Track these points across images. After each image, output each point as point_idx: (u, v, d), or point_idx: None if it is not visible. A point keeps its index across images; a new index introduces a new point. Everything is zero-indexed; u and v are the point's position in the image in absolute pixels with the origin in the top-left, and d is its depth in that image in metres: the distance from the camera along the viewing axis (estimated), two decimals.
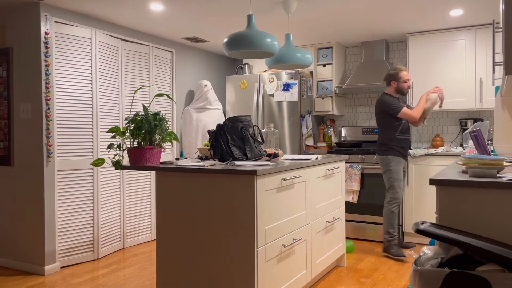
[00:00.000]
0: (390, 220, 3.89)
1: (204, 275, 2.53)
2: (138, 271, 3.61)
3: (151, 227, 4.59)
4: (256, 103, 4.98)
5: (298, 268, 2.85)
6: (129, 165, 2.69)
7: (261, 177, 2.41)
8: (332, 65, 5.08)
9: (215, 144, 2.84)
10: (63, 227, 3.69)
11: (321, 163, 3.17)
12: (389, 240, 3.90)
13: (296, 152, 4.77)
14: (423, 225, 1.66)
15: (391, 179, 3.89)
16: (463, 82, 4.41)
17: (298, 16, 3.99)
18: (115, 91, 4.16)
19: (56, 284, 3.31)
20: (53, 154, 3.60)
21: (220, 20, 4.12)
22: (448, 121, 4.83)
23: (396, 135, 3.89)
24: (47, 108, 3.56)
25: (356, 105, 5.32)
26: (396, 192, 3.88)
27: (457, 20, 4.18)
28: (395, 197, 3.89)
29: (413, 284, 1.60)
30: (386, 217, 3.91)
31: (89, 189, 3.86)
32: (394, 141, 3.89)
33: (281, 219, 2.63)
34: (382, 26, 4.38)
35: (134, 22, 4.15)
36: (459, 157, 3.69)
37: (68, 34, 3.72)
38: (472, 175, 1.88)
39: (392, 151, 3.89)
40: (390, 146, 3.89)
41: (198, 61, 5.38)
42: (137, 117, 2.68)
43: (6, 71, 3.73)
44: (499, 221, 1.73)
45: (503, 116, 2.97)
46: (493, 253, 1.48)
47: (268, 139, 3.33)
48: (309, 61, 3.53)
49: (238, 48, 2.94)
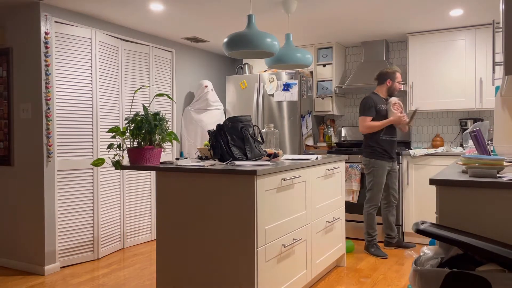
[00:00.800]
0: (369, 222, 3.99)
1: (204, 275, 2.53)
2: (138, 271, 3.61)
3: (151, 227, 4.59)
4: (256, 103, 4.98)
5: (298, 268, 2.85)
6: (129, 165, 2.69)
7: (261, 177, 2.41)
8: (332, 65, 5.08)
9: (215, 144, 2.84)
10: (63, 227, 3.69)
11: (321, 163, 3.17)
12: (369, 240, 4.01)
13: (296, 152, 4.77)
14: (423, 225, 1.66)
15: (372, 182, 3.96)
16: (463, 82, 4.41)
17: (298, 16, 3.99)
18: (115, 91, 4.16)
19: (56, 284, 3.31)
20: (53, 154, 3.60)
21: (220, 20, 4.12)
22: (448, 121, 4.83)
23: (380, 137, 3.91)
24: (47, 108, 3.56)
25: (356, 105, 5.32)
26: (374, 195, 3.96)
27: (457, 20, 4.18)
28: (373, 199, 3.96)
29: (413, 284, 1.60)
30: (365, 218, 4.01)
31: (89, 189, 3.86)
32: (378, 143, 3.91)
33: (281, 219, 2.63)
34: (382, 26, 4.38)
35: (134, 22, 4.15)
36: (459, 157, 3.69)
37: (68, 34, 3.72)
38: (472, 175, 1.88)
39: (376, 154, 3.92)
40: (375, 149, 3.93)
41: (198, 61, 5.37)
42: (137, 117, 2.68)
43: (6, 71, 3.73)
44: (499, 221, 1.73)
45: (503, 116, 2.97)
46: (493, 253, 1.48)
47: (268, 139, 3.34)
48: (309, 61, 3.53)
49: (238, 48, 2.94)
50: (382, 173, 3.93)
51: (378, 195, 3.96)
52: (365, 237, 4.04)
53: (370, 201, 3.97)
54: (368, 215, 3.98)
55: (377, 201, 3.96)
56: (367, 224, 3.99)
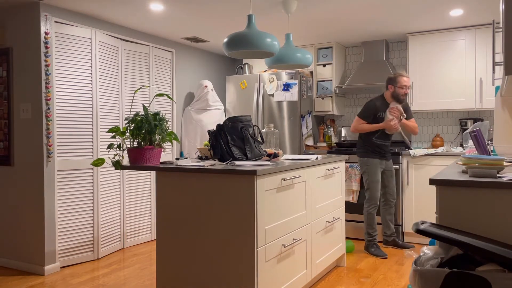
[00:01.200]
0: (369, 221, 4.01)
1: (204, 275, 2.53)
2: (138, 271, 3.61)
3: (151, 227, 4.59)
4: (256, 103, 4.98)
5: (298, 268, 2.85)
6: (129, 165, 2.69)
7: (261, 177, 2.41)
8: (332, 65, 5.08)
9: (215, 144, 2.84)
10: (63, 227, 3.69)
11: (321, 163, 3.17)
12: (369, 240, 4.03)
13: (296, 152, 4.77)
14: (423, 225, 1.66)
15: (368, 181, 4.00)
16: (463, 82, 4.41)
17: (298, 16, 3.99)
18: (115, 91, 4.16)
19: (56, 284, 3.31)
20: (53, 154, 3.60)
21: (220, 20, 4.12)
22: (448, 121, 4.83)
23: (373, 139, 3.95)
24: (47, 108, 3.56)
25: (356, 105, 5.32)
26: (372, 193, 3.98)
27: (457, 20, 4.18)
28: (372, 198, 3.99)
29: (413, 284, 1.60)
30: (365, 218, 4.04)
31: (89, 189, 3.86)
32: (371, 144, 3.97)
33: (281, 219, 2.63)
34: (382, 26, 4.38)
35: (134, 22, 4.15)
36: (459, 157, 3.68)
37: (68, 34, 3.72)
38: (472, 175, 1.88)
39: (369, 153, 3.98)
40: (367, 148, 3.99)
41: (198, 61, 5.37)
42: (137, 117, 2.68)
43: (6, 71, 3.73)
44: (499, 221, 1.73)
45: (503, 116, 2.97)
46: (493, 253, 1.48)
47: (268, 139, 3.34)
48: (309, 61, 3.53)
49: (238, 48, 2.94)
50: (375, 170, 3.95)
51: (375, 194, 3.97)
52: (365, 237, 4.05)
53: (369, 201, 4.00)
54: (367, 214, 4.00)
55: (376, 199, 3.98)
56: (367, 223, 4.01)
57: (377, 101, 3.92)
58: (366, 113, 3.91)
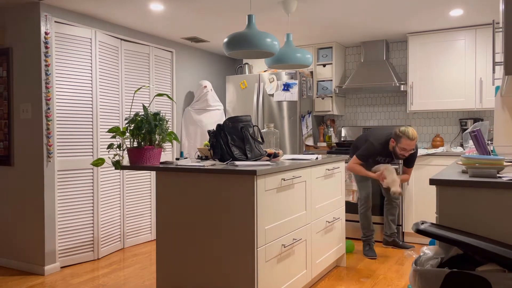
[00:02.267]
0: (362, 221, 4.04)
1: (204, 275, 2.53)
2: (138, 271, 3.61)
3: (151, 227, 4.59)
4: (256, 103, 4.98)
5: (298, 268, 2.86)
6: (129, 165, 2.69)
7: (261, 177, 2.41)
8: (332, 65, 5.08)
9: (215, 144, 2.84)
10: (63, 227, 3.69)
11: (321, 163, 3.17)
12: (363, 240, 4.06)
13: (296, 152, 4.77)
14: (423, 225, 1.66)
15: (356, 181, 4.08)
16: (463, 82, 4.41)
17: (298, 16, 3.99)
18: (115, 91, 4.16)
19: (56, 284, 3.31)
20: (53, 154, 3.60)
21: (220, 20, 4.12)
22: (448, 121, 4.83)
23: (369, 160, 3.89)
24: (47, 108, 3.56)
25: (356, 105, 5.32)
26: (360, 194, 4.03)
27: (457, 20, 4.18)
28: (361, 198, 4.03)
29: (413, 284, 1.60)
30: (359, 219, 4.07)
31: (89, 189, 3.86)
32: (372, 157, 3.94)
33: (281, 219, 2.63)
34: (382, 26, 4.38)
35: (134, 22, 4.15)
36: (459, 157, 3.69)
37: (68, 34, 3.72)
38: (472, 175, 1.88)
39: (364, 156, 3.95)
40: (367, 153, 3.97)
41: (198, 61, 5.38)
42: (137, 117, 2.68)
43: (6, 71, 3.73)
44: (499, 221, 1.73)
45: (503, 116, 2.97)
46: (493, 253, 1.48)
47: (268, 139, 3.34)
48: (309, 61, 3.53)
49: (238, 48, 2.94)
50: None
51: (363, 194, 4.00)
52: (361, 236, 4.09)
53: (360, 201, 4.06)
54: (360, 215, 4.05)
55: (365, 199, 3.99)
56: (361, 224, 4.05)
57: (380, 146, 3.79)
58: (365, 156, 3.82)
